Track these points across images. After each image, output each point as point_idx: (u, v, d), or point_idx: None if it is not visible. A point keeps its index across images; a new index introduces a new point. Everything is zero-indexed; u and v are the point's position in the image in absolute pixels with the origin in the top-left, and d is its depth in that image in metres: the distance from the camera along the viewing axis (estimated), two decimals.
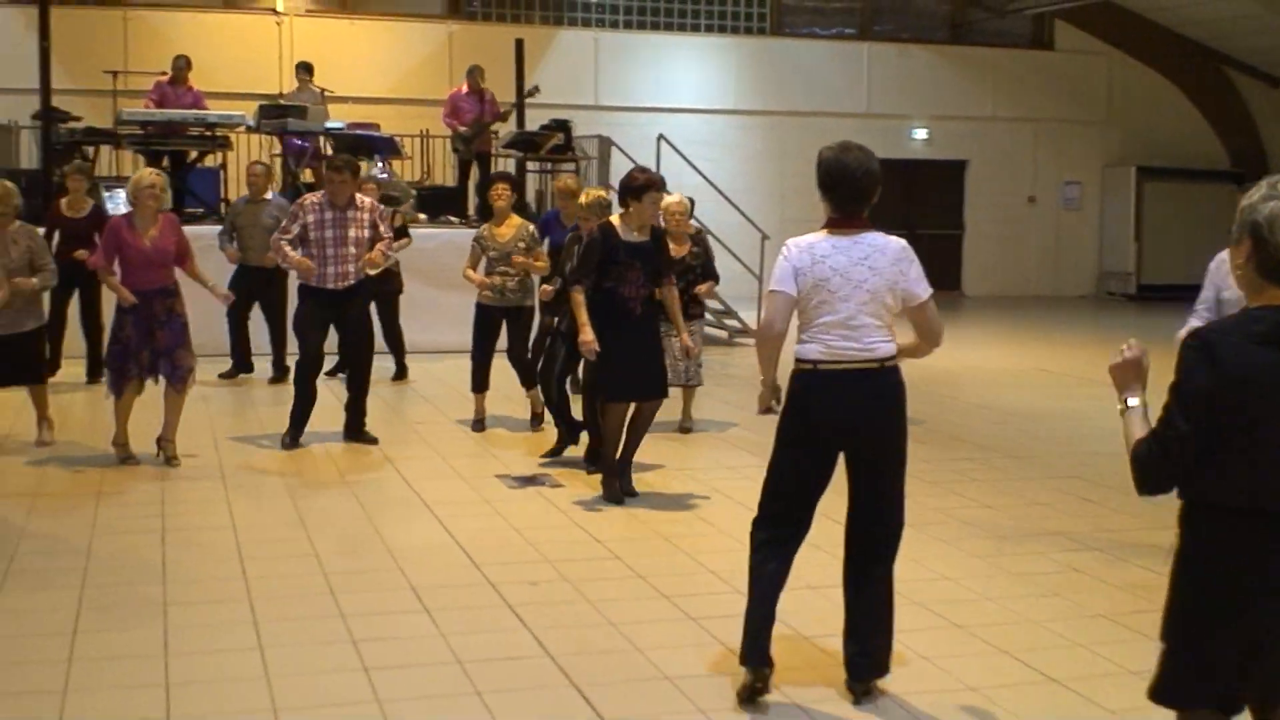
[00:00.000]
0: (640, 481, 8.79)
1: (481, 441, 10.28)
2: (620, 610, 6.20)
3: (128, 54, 18.82)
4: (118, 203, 14.27)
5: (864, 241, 5.02)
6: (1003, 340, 18.11)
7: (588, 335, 8.12)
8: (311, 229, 9.61)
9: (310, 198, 9.89)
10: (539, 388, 10.07)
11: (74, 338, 12.55)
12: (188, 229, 9.78)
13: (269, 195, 12.94)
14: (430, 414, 11.42)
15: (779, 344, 5.16)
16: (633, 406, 8.52)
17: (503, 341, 10.50)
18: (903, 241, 5.09)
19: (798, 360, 5.08)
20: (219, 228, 13.09)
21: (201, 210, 15.48)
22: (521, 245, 10.08)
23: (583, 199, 9.31)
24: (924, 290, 5.06)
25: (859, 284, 4.96)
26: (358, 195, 9.88)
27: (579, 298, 8.20)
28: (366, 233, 9.76)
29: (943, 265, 24.13)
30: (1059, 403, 12.86)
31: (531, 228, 10.34)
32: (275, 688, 5.21)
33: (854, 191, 5.02)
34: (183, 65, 16.11)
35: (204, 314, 10.59)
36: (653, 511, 8.18)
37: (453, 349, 14.20)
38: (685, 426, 10.73)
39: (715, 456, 9.87)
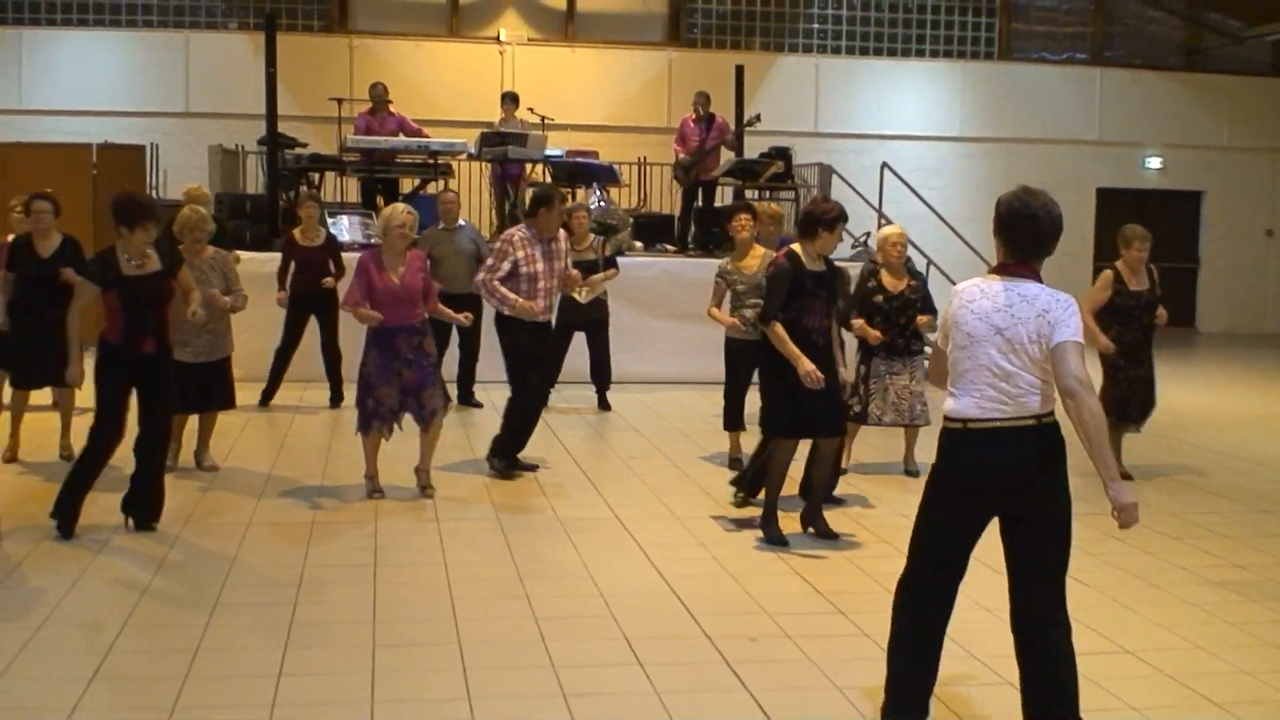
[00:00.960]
0: (861, 528, 8.43)
1: (695, 479, 9.95)
2: (848, 673, 5.79)
3: (353, 81, 19.10)
4: (340, 229, 14.43)
5: (1015, 289, 4.68)
6: (1239, 381, 17.23)
7: (808, 364, 7.74)
8: (522, 264, 9.47)
9: (516, 233, 9.64)
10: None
11: (304, 362, 12.76)
12: None
13: (461, 223, 12.86)
14: (643, 448, 11.16)
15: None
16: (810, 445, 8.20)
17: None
18: (1065, 295, 4.66)
19: (947, 417, 4.78)
20: None
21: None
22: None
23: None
24: (1064, 333, 4.56)
25: (997, 329, 4.64)
26: None
27: (781, 331, 7.85)
28: (563, 263, 9.80)
29: (1177, 300, 23.19)
30: None
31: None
32: None
33: (1032, 235, 4.69)
34: (380, 92, 16.22)
35: None
36: (876, 562, 7.75)
37: (666, 380, 14.03)
38: (910, 470, 10.10)
39: None
